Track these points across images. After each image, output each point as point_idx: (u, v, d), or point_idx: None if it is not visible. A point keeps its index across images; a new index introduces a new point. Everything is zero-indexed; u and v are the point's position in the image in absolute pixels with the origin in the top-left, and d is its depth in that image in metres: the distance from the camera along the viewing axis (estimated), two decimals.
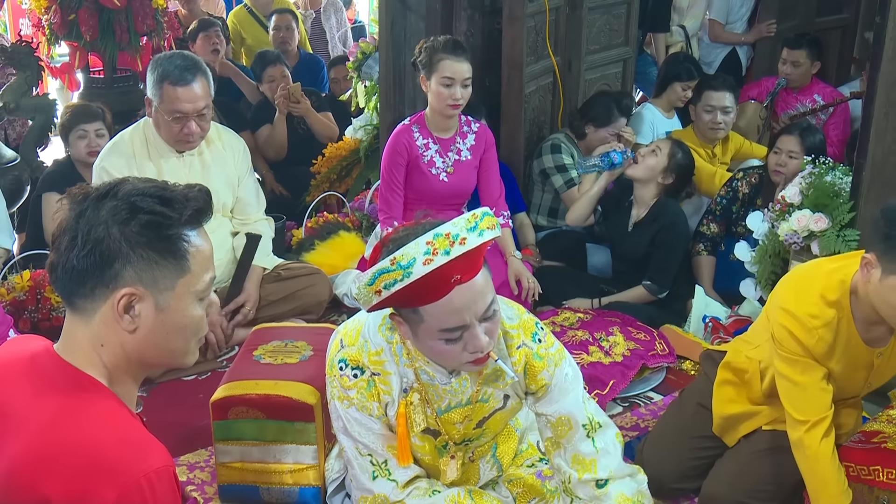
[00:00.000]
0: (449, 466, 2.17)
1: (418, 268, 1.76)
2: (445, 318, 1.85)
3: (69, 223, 1.41)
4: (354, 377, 2.08)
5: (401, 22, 4.44)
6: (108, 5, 5.25)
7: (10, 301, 3.58)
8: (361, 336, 2.10)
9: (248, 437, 2.63)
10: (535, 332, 2.14)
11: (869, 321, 2.33)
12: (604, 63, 4.83)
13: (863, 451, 2.44)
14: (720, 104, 4.39)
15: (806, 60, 5.11)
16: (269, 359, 2.78)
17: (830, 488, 2.29)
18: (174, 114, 3.30)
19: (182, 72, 3.27)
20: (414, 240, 1.78)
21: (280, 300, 3.67)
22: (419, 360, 2.06)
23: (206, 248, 1.48)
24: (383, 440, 2.10)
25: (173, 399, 3.27)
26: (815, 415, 2.32)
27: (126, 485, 1.28)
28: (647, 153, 3.78)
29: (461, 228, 1.80)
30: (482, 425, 2.18)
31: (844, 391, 2.48)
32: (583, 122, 4.37)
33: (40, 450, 1.32)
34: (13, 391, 1.42)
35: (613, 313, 3.68)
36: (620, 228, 3.91)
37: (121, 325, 1.41)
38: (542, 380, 2.11)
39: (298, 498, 2.64)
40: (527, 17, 4.18)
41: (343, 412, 2.10)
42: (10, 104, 4.82)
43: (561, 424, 2.13)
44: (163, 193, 1.43)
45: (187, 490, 2.72)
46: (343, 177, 5.08)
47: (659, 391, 3.36)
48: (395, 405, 2.08)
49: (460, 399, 2.11)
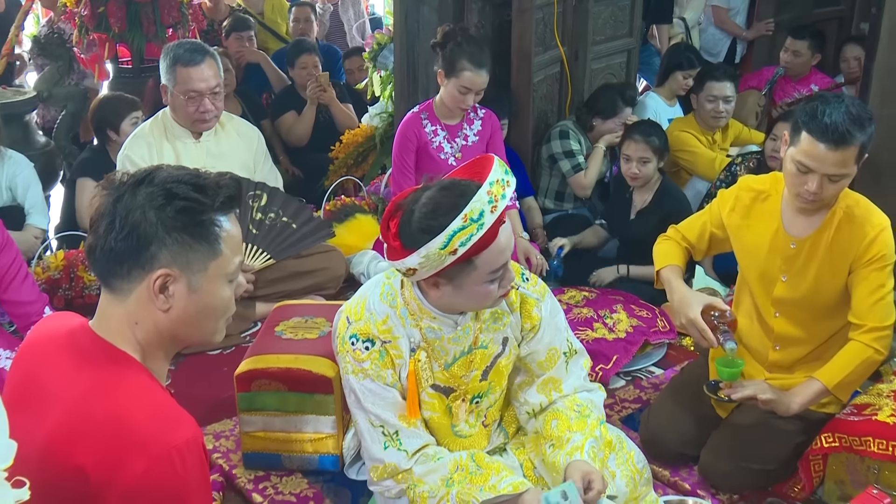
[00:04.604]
0: (461, 409, 2.22)
1: (488, 216, 1.86)
2: (494, 260, 1.94)
3: (107, 208, 1.41)
4: (366, 349, 2.10)
5: (414, 14, 4.43)
6: None
7: (45, 279, 3.61)
8: (366, 310, 2.12)
9: (270, 408, 2.65)
10: (523, 272, 2.25)
11: (790, 207, 2.50)
12: (609, 53, 4.80)
13: (854, 422, 2.44)
14: (722, 94, 4.37)
15: (807, 51, 5.08)
16: (290, 334, 2.80)
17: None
18: (189, 93, 3.35)
19: (192, 54, 3.33)
20: (476, 193, 1.86)
21: (298, 276, 3.68)
22: (424, 317, 2.10)
23: (236, 232, 1.48)
24: (396, 409, 2.11)
25: (200, 372, 3.29)
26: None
27: (156, 456, 1.28)
28: (637, 164, 3.75)
29: (502, 173, 1.91)
30: (487, 376, 2.21)
31: (760, 275, 2.58)
32: (590, 116, 4.37)
33: (76, 421, 1.33)
34: (52, 365, 1.43)
35: (617, 292, 3.68)
36: (622, 217, 3.92)
37: (155, 304, 1.42)
38: (536, 316, 2.20)
39: (318, 465, 2.67)
40: (535, 8, 4.16)
41: (357, 385, 2.11)
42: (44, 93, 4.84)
43: (549, 357, 2.23)
44: (197, 181, 1.43)
45: (213, 458, 2.75)
46: (359, 162, 5.08)
47: (660, 366, 3.38)
48: (406, 367, 2.11)
49: (463, 347, 2.15)
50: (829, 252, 2.47)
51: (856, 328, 2.44)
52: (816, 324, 2.56)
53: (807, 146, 2.33)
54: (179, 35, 5.50)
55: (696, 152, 4.36)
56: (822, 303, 2.52)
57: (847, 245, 2.44)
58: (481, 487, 2.01)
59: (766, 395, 2.42)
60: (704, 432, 2.67)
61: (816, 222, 2.48)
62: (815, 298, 2.52)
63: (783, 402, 2.42)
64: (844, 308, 2.49)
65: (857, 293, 2.44)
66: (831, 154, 2.30)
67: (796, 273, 2.52)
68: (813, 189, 2.35)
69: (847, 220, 2.45)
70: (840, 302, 2.50)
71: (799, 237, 2.50)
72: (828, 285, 2.49)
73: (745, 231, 2.61)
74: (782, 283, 2.54)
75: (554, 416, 2.19)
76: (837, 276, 2.47)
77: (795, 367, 2.60)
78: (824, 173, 2.33)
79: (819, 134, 2.29)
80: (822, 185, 2.35)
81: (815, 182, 2.34)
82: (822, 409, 2.54)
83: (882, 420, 2.41)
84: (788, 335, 2.59)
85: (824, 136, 2.29)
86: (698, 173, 4.37)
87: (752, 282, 2.62)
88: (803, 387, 2.45)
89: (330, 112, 5.23)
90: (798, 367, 2.60)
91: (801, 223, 2.51)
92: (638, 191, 3.86)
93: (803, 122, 2.34)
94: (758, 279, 2.60)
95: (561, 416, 2.18)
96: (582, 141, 4.36)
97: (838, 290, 2.49)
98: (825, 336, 2.57)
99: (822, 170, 2.33)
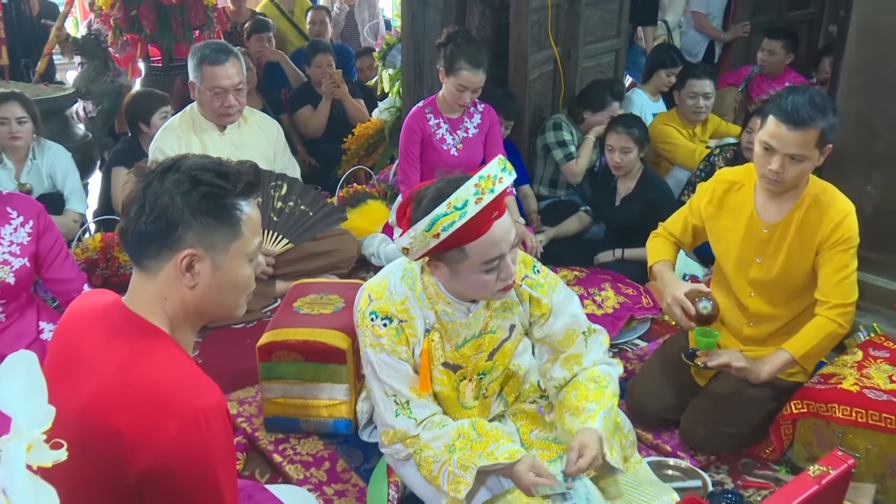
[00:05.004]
0: (467, 388, 2.22)
1: (471, 206, 1.83)
2: (487, 251, 1.91)
3: (138, 194, 1.40)
4: (384, 325, 2.09)
5: (420, 17, 4.40)
6: (165, 2, 5.23)
7: (84, 260, 3.61)
8: (387, 290, 2.12)
9: (289, 376, 2.65)
10: (534, 265, 2.22)
11: (764, 195, 2.48)
12: (598, 53, 4.78)
13: (821, 390, 2.44)
14: (702, 90, 4.34)
15: (782, 51, 5.04)
16: (307, 310, 2.79)
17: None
18: (214, 90, 3.34)
19: (217, 53, 3.33)
20: (462, 185, 1.84)
21: (314, 257, 3.68)
22: (440, 301, 2.09)
23: (256, 216, 1.48)
24: (408, 381, 2.11)
25: (225, 344, 3.29)
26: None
27: (185, 419, 1.28)
28: (619, 153, 3.72)
29: (497, 170, 1.87)
30: (492, 357, 2.20)
31: (737, 259, 2.57)
32: (581, 109, 4.34)
33: (111, 388, 1.32)
34: (89, 337, 1.43)
35: (605, 272, 3.67)
36: (608, 204, 3.90)
37: (182, 281, 1.41)
38: (546, 305, 2.18)
39: (332, 429, 2.67)
40: (531, 12, 4.14)
41: (374, 358, 2.11)
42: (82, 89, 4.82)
43: (567, 336, 2.20)
44: (219, 168, 1.43)
45: (237, 422, 2.76)
46: (370, 153, 5.06)
47: (644, 339, 3.38)
48: (420, 345, 2.11)
49: (473, 331, 2.14)
50: (798, 235, 2.45)
51: (821, 304, 2.43)
52: (787, 302, 2.55)
53: (771, 127, 2.35)
54: (205, 36, 5.48)
55: (678, 144, 4.34)
56: (793, 283, 2.51)
57: (815, 229, 2.43)
58: (480, 454, 2.01)
59: (739, 363, 2.43)
60: (684, 400, 2.66)
61: (787, 208, 2.47)
62: (786, 279, 2.51)
63: (754, 369, 2.42)
64: (812, 287, 2.48)
65: (823, 273, 2.43)
66: (791, 134, 2.31)
67: (770, 255, 2.50)
68: (775, 168, 2.35)
69: (815, 205, 2.44)
70: (808, 282, 2.49)
71: (771, 222, 2.49)
72: (797, 266, 2.48)
73: (721, 220, 2.60)
74: (757, 265, 2.53)
75: (574, 387, 2.19)
76: (806, 258, 2.46)
77: (768, 341, 2.59)
78: (786, 153, 2.34)
79: (782, 116, 2.32)
80: (784, 164, 2.35)
81: (777, 162, 2.35)
82: (791, 378, 2.54)
83: (846, 388, 2.41)
84: (762, 313, 2.58)
85: (786, 117, 2.31)
86: (679, 163, 4.36)
87: (728, 266, 2.61)
88: (772, 356, 2.45)
89: (343, 107, 5.21)
90: (770, 340, 2.59)
91: (773, 209, 2.49)
92: (622, 179, 3.83)
93: (770, 107, 2.37)
94: (734, 263, 2.58)
95: (580, 386, 2.17)
96: (574, 132, 4.35)
97: (807, 271, 2.48)
98: (795, 313, 2.56)
99: (783, 150, 2.33)
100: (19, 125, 3.63)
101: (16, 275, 2.67)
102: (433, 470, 2.05)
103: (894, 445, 2.26)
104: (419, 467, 2.10)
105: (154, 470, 1.26)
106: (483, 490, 2.09)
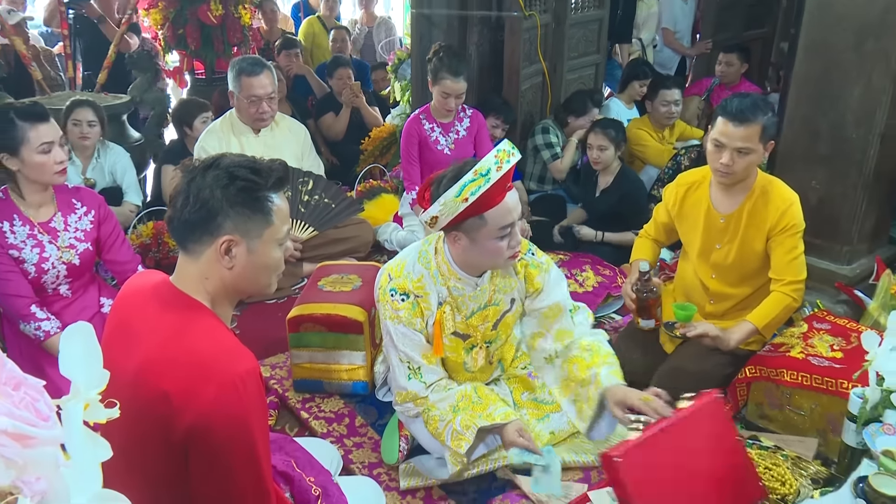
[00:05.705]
0: (479, 355, 2.23)
1: (493, 173, 1.86)
2: (502, 218, 1.94)
3: (183, 187, 1.40)
4: (402, 301, 2.10)
5: (427, 35, 4.36)
6: (207, 22, 5.19)
7: (138, 244, 3.60)
8: (405, 270, 2.12)
9: (314, 345, 2.65)
10: (530, 248, 2.25)
11: (718, 189, 2.48)
12: (581, 67, 4.75)
13: (772, 357, 2.43)
14: (672, 99, 4.31)
15: (737, 62, 5.00)
16: (330, 287, 2.79)
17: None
18: (251, 98, 3.32)
19: (253, 66, 3.32)
20: (485, 157, 1.88)
21: (336, 242, 3.68)
22: (451, 278, 2.10)
23: (285, 206, 1.47)
24: (420, 350, 2.11)
25: (259, 317, 3.29)
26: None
27: (223, 383, 1.27)
28: (597, 150, 3.72)
29: (509, 147, 1.92)
30: (497, 327, 2.21)
31: (700, 248, 2.56)
32: (565, 115, 4.34)
33: (161, 356, 1.32)
34: (141, 311, 1.42)
35: (586, 255, 3.65)
36: (590, 195, 3.88)
37: (221, 263, 1.41)
38: (539, 283, 2.21)
39: (352, 390, 2.68)
40: (523, 31, 4.11)
41: (393, 328, 2.11)
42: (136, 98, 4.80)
43: (552, 311, 2.23)
44: (253, 165, 1.42)
45: (270, 384, 2.76)
46: (384, 153, 5.04)
47: (619, 313, 3.36)
48: (433, 317, 2.11)
49: (480, 303, 2.15)
50: (750, 223, 2.45)
51: (777, 282, 2.43)
52: (742, 283, 2.55)
53: (720, 126, 2.36)
54: (242, 52, 5.45)
55: (649, 146, 4.32)
56: (748, 266, 2.50)
57: (763, 216, 2.42)
58: (480, 415, 2.02)
59: (713, 332, 2.43)
60: (653, 365, 2.65)
61: (739, 200, 2.46)
62: (742, 263, 2.50)
63: (724, 338, 2.43)
64: (764, 270, 2.48)
65: (776, 255, 2.42)
66: (737, 130, 2.31)
67: (727, 242, 2.50)
68: (726, 161, 2.35)
69: (763, 196, 2.43)
70: (761, 265, 2.48)
71: (726, 213, 2.48)
72: (751, 251, 2.47)
73: (685, 216, 2.61)
74: (717, 251, 2.52)
75: (572, 362, 2.19)
76: (758, 243, 2.45)
77: (726, 315, 2.59)
78: (734, 147, 2.34)
79: (728, 115, 2.33)
80: (733, 158, 2.34)
81: (727, 156, 2.34)
82: (746, 346, 2.53)
83: (793, 356, 2.40)
84: (721, 292, 2.57)
85: (731, 116, 2.33)
86: (650, 162, 4.33)
87: (693, 253, 2.61)
88: (739, 327, 2.45)
89: (361, 113, 5.18)
90: (728, 315, 2.59)
91: (727, 202, 2.48)
92: (602, 174, 3.82)
93: (718, 110, 2.39)
94: (698, 251, 2.58)
95: (577, 360, 2.18)
96: (559, 135, 4.33)
97: (759, 255, 2.46)
98: (748, 292, 2.55)
99: (731, 144, 2.33)
100: (89, 127, 3.62)
101: (80, 257, 2.67)
102: (438, 427, 2.05)
103: (834, 405, 2.26)
104: (426, 424, 2.10)
105: (196, 428, 1.25)
106: (481, 446, 2.10)
